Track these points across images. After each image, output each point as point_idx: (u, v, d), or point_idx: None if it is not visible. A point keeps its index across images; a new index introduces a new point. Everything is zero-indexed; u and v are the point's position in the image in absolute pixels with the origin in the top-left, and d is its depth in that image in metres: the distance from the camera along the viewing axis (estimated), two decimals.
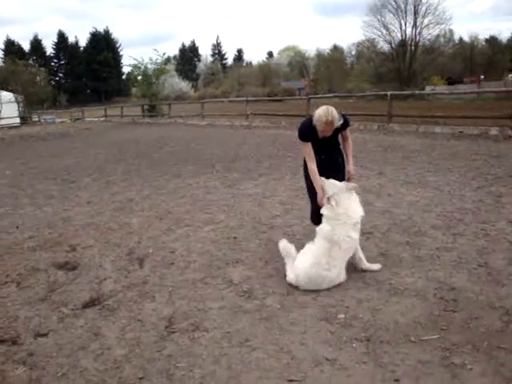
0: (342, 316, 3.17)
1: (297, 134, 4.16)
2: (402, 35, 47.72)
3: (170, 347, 2.93)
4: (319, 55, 66.85)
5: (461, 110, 18.64)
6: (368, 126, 15.11)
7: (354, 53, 65.02)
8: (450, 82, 48.25)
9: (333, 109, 3.85)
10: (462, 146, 10.60)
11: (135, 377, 2.65)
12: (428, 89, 32.08)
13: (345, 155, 4.33)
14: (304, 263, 3.67)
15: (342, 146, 4.34)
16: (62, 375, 2.73)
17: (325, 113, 3.78)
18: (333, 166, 4.19)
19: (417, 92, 21.94)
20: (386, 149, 10.56)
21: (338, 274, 3.65)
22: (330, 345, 2.83)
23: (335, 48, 68.34)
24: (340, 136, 4.24)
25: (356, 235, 3.77)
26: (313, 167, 4.02)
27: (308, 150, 4.05)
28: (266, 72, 69.27)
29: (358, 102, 30.94)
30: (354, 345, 2.81)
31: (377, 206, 5.87)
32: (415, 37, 47.56)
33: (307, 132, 4.04)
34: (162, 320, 3.28)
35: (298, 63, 72.42)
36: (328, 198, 3.77)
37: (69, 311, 3.51)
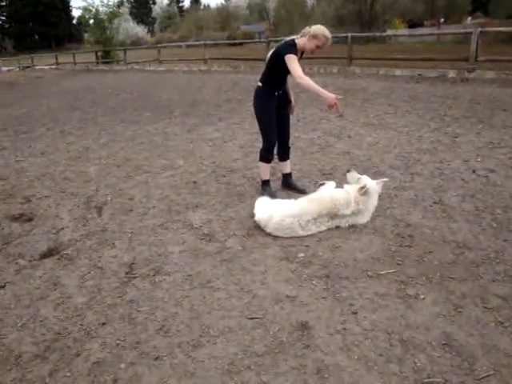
0: (301, 255, 3.22)
1: (279, 52, 3.88)
2: None
3: (131, 292, 2.91)
4: None
5: (420, 53, 18.66)
6: (328, 69, 14.97)
7: None
8: (411, 25, 47.87)
9: None
10: (420, 88, 10.69)
11: (97, 322, 2.63)
12: (389, 32, 31.85)
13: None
14: (285, 209, 3.58)
15: None
16: (21, 325, 2.67)
17: (324, 28, 3.83)
18: (284, 102, 4.26)
19: (377, 34, 21.63)
20: (347, 92, 10.51)
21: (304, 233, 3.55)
22: (290, 283, 2.88)
23: None
24: None
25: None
26: (308, 79, 3.74)
27: (297, 63, 3.78)
28: (225, 15, 66.97)
29: None
30: (314, 282, 2.87)
31: (337, 148, 5.90)
32: None
33: (294, 48, 3.85)
34: (123, 266, 3.25)
35: (257, 6, 70.04)
36: (362, 188, 3.59)
37: (26, 262, 3.41)
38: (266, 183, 4.45)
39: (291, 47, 3.86)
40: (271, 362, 2.21)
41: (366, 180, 3.66)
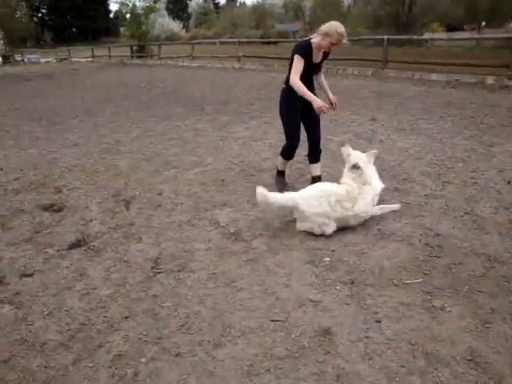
0: (327, 259, 3.18)
1: (292, 52, 4.03)
2: None
3: (155, 287, 2.94)
4: None
5: (458, 57, 18.22)
6: (362, 71, 14.79)
7: None
8: (450, 28, 46.74)
9: None
10: (457, 94, 10.46)
11: (121, 316, 2.67)
12: (427, 36, 31.15)
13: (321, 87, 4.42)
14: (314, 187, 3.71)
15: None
16: (48, 313, 2.73)
17: (337, 24, 3.85)
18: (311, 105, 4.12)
19: (414, 37, 21.24)
20: (380, 95, 10.38)
21: (326, 224, 3.52)
22: (315, 287, 2.85)
23: None
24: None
25: (372, 209, 3.75)
26: (299, 82, 3.92)
27: (299, 66, 3.94)
28: (260, 13, 66.86)
29: (354, 47, 30.13)
30: (338, 287, 2.83)
31: (368, 152, 5.81)
32: None
33: (305, 49, 3.98)
34: (148, 261, 3.28)
35: (293, 5, 69.76)
36: (353, 166, 3.74)
37: (54, 252, 3.49)
38: (279, 173, 4.65)
39: (302, 48, 3.98)
40: (291, 366, 2.19)
41: (353, 156, 3.81)
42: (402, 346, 2.30)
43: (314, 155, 4.48)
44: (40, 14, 79.41)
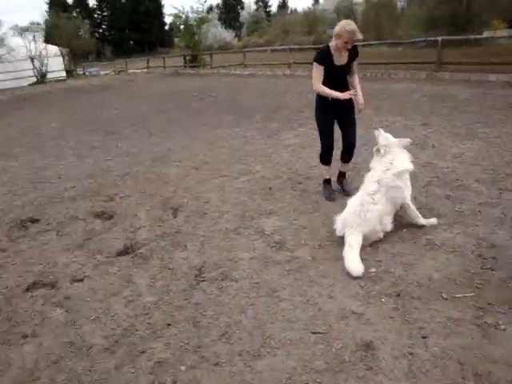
0: (373, 270, 3.09)
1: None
2: None
3: (198, 296, 2.97)
4: (367, 0, 63.36)
5: None
6: (415, 74, 14.35)
7: None
8: None
9: (353, 22, 3.99)
10: None
11: (163, 323, 2.71)
12: (486, 34, 29.74)
13: (354, 89, 4.34)
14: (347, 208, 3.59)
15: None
16: (95, 318, 2.83)
17: (346, 22, 3.99)
18: (344, 107, 4.29)
19: (472, 37, 20.29)
20: (434, 99, 10.02)
21: (378, 219, 3.43)
22: (358, 299, 2.77)
23: None
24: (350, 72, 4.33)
25: (404, 186, 3.60)
26: (321, 86, 4.16)
27: (319, 73, 4.15)
28: (312, 19, 66.52)
29: (407, 50, 29.36)
30: (383, 300, 2.74)
31: (419, 158, 5.60)
32: None
33: (323, 54, 4.14)
34: (193, 269, 3.32)
35: (345, 9, 68.94)
36: (377, 149, 3.79)
37: (104, 258, 3.62)
38: (325, 182, 4.70)
39: (319, 54, 4.16)
40: (330, 381, 2.14)
41: (381, 138, 3.80)
42: (450, 364, 2.18)
43: (346, 155, 4.60)
44: (101, 30, 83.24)
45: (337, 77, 4.21)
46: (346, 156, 4.60)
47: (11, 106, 17.27)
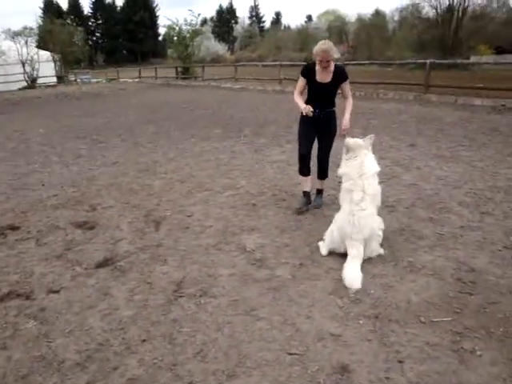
0: (352, 291, 3.08)
1: None
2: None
3: (175, 311, 2.92)
4: (360, 20, 64.16)
5: (506, 81, 17.68)
6: (404, 95, 14.57)
7: (396, 18, 62.08)
8: (500, 51, 45.20)
9: (331, 43, 4.26)
10: (503, 120, 10.10)
11: (139, 338, 2.66)
12: (473, 59, 30.33)
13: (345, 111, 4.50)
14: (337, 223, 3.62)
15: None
16: (69, 332, 2.77)
17: (322, 42, 4.26)
18: (324, 124, 4.51)
19: (459, 61, 20.71)
20: (420, 120, 10.16)
21: (372, 220, 3.50)
22: (337, 320, 2.76)
23: (377, 13, 65.25)
24: (342, 94, 4.54)
25: (377, 185, 3.68)
26: (297, 95, 4.52)
27: (299, 83, 4.51)
28: (304, 36, 67.32)
29: (397, 71, 29.82)
30: (361, 321, 2.73)
31: (403, 179, 5.68)
32: (464, 1, 44.43)
33: (306, 68, 4.46)
34: (171, 284, 3.28)
35: (337, 28, 69.93)
36: (346, 149, 3.84)
37: (82, 270, 3.56)
38: (303, 194, 4.82)
39: (303, 67, 4.52)
40: None
41: (347, 140, 3.85)
42: None
43: (320, 171, 4.81)
44: (94, 38, 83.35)
45: (318, 93, 4.42)
46: (320, 172, 4.79)
47: None
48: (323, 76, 4.35)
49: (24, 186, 6.02)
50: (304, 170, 4.70)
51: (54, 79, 34.19)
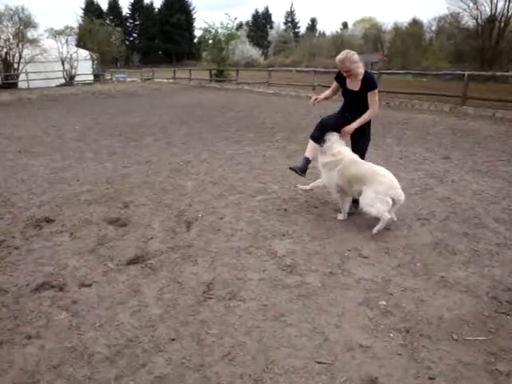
0: (383, 303, 3.04)
1: None
2: (491, 9, 43.48)
3: (204, 313, 2.94)
4: (396, 29, 63.40)
5: None
6: (439, 106, 14.31)
7: (434, 28, 61.04)
8: None
9: (353, 53, 4.38)
10: None
11: (167, 337, 2.69)
12: None
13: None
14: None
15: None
16: (99, 326, 2.82)
17: (341, 52, 4.43)
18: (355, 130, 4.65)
19: (498, 73, 20.11)
20: (456, 132, 9.95)
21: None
22: (366, 331, 2.72)
23: (414, 22, 64.28)
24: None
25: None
26: (325, 92, 5.02)
27: (333, 86, 4.86)
28: (339, 43, 66.90)
29: (432, 82, 29.33)
30: (392, 334, 2.68)
31: (437, 192, 5.56)
32: (507, 11, 43.11)
33: (339, 74, 4.66)
34: (201, 285, 3.30)
35: (373, 36, 69.35)
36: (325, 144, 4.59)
37: (113, 266, 3.62)
38: (304, 158, 5.10)
39: (336, 73, 4.71)
40: None
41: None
42: None
43: None
44: (131, 38, 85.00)
45: (349, 99, 4.69)
46: None
47: (38, 105, 17.64)
48: (353, 84, 4.50)
49: (60, 181, 6.18)
50: (315, 135, 4.87)
51: (91, 77, 35.04)
